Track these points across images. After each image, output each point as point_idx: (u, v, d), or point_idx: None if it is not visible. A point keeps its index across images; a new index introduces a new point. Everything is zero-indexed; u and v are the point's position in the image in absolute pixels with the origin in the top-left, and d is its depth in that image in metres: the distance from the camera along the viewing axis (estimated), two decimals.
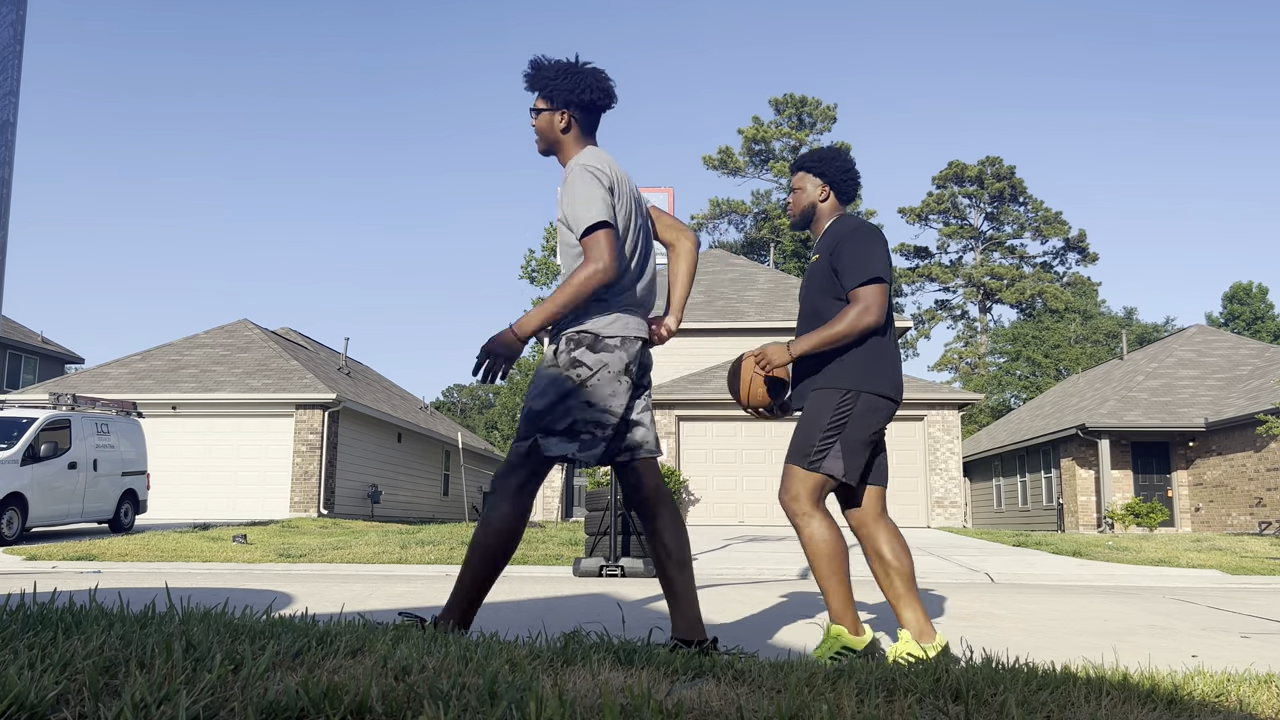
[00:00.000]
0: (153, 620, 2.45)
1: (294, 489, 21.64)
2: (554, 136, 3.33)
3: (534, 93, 3.34)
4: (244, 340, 25.22)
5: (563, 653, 2.34)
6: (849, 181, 3.69)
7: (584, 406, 3.15)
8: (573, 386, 3.15)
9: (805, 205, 3.72)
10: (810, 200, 3.70)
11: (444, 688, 1.75)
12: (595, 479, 21.80)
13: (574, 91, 3.26)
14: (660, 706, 1.71)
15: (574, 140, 3.32)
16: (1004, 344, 53.55)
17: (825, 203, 3.70)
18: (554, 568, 9.13)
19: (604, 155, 3.29)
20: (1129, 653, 3.94)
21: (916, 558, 10.67)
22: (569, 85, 3.26)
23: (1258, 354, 26.92)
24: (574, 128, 3.31)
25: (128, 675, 1.72)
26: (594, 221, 3.09)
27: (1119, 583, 8.91)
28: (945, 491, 19.94)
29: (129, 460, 15.20)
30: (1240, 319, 53.00)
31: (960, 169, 54.53)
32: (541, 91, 3.32)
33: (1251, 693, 2.50)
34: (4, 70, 2.74)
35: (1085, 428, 23.71)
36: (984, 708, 2.04)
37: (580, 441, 3.15)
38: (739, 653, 2.88)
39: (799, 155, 3.74)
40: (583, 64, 3.30)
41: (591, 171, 3.17)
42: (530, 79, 3.34)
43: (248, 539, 12.25)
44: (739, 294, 27.57)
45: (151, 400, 21.39)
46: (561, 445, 3.15)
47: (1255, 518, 21.61)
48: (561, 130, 3.31)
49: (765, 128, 52.30)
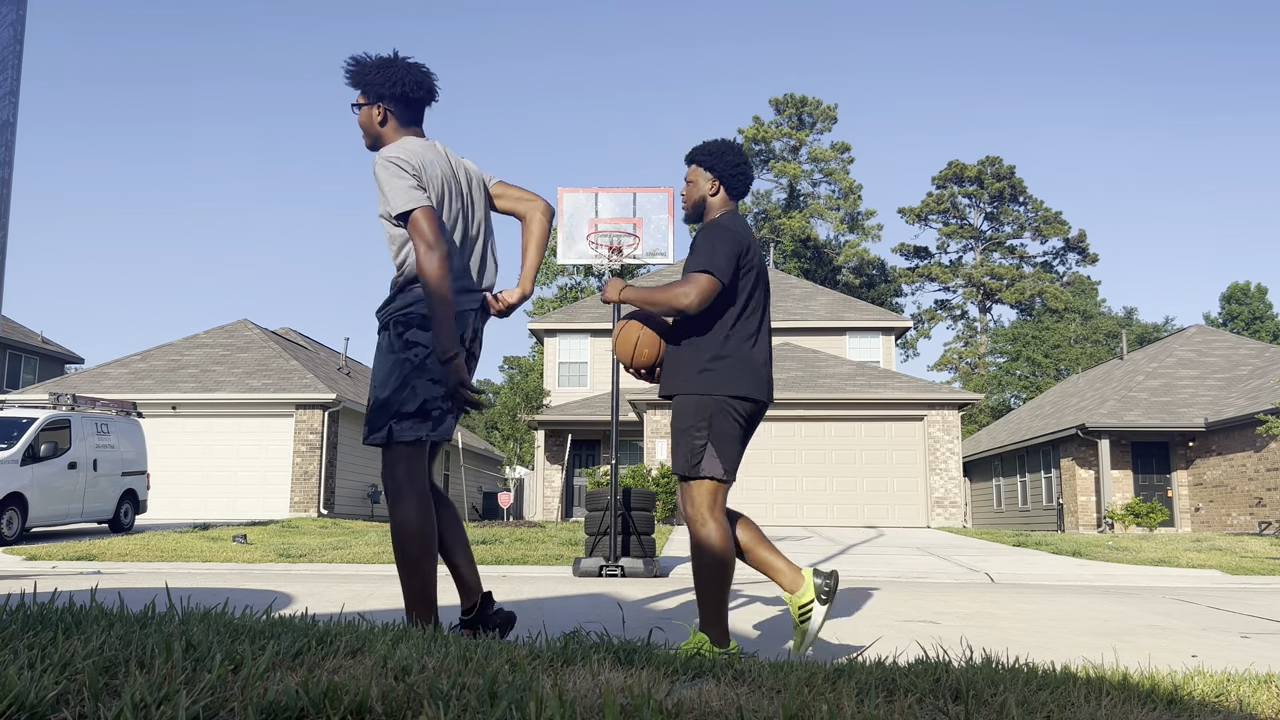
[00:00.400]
0: (153, 620, 2.45)
1: (294, 489, 21.64)
2: (374, 130, 3.43)
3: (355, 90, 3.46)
4: (244, 340, 25.22)
5: (563, 653, 2.34)
6: (738, 177, 3.72)
7: (429, 385, 3.22)
8: (412, 367, 3.22)
9: (696, 198, 3.76)
10: (701, 194, 3.74)
11: (444, 688, 1.75)
12: (595, 479, 21.80)
13: (388, 85, 3.37)
14: (660, 706, 1.71)
15: (391, 132, 3.41)
16: (1004, 344, 53.54)
17: (715, 196, 3.73)
18: (554, 568, 9.13)
19: (411, 144, 3.33)
20: (1129, 653, 3.94)
21: (916, 558, 10.68)
22: (383, 80, 3.37)
23: (1257, 354, 26.91)
24: (390, 120, 3.41)
25: (128, 675, 1.72)
26: (405, 208, 3.18)
27: (1119, 583, 8.91)
28: (945, 491, 19.94)
29: (129, 460, 15.20)
30: (1239, 319, 53.01)
31: (960, 169, 54.53)
32: (360, 87, 3.44)
33: (1251, 693, 2.50)
34: (4, 70, 2.74)
35: (1085, 428, 23.71)
36: (984, 708, 2.04)
37: (433, 420, 3.23)
38: (739, 653, 2.88)
39: (693, 148, 3.79)
40: (401, 59, 3.40)
41: (391, 161, 3.24)
42: (349, 75, 3.45)
43: (248, 539, 12.25)
44: None
45: (151, 400, 21.38)
46: (416, 428, 3.21)
47: (1255, 518, 21.61)
48: (379, 124, 3.41)
49: (765, 128, 52.29)
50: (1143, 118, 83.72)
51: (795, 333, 25.35)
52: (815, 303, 27.14)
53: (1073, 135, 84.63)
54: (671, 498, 19.34)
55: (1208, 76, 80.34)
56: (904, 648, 3.68)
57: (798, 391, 20.41)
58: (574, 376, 26.12)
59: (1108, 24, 79.79)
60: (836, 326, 25.74)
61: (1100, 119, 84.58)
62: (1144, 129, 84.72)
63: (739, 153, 3.75)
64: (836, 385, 20.79)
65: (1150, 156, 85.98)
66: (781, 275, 30.38)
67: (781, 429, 20.55)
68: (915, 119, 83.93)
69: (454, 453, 30.43)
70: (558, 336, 26.41)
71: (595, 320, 26.09)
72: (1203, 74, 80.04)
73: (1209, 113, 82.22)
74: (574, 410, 24.50)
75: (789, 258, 49.50)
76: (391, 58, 3.40)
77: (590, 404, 24.72)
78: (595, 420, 23.75)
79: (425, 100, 3.45)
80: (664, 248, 8.84)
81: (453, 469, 31.41)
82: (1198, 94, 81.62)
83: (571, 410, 24.52)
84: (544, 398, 24.76)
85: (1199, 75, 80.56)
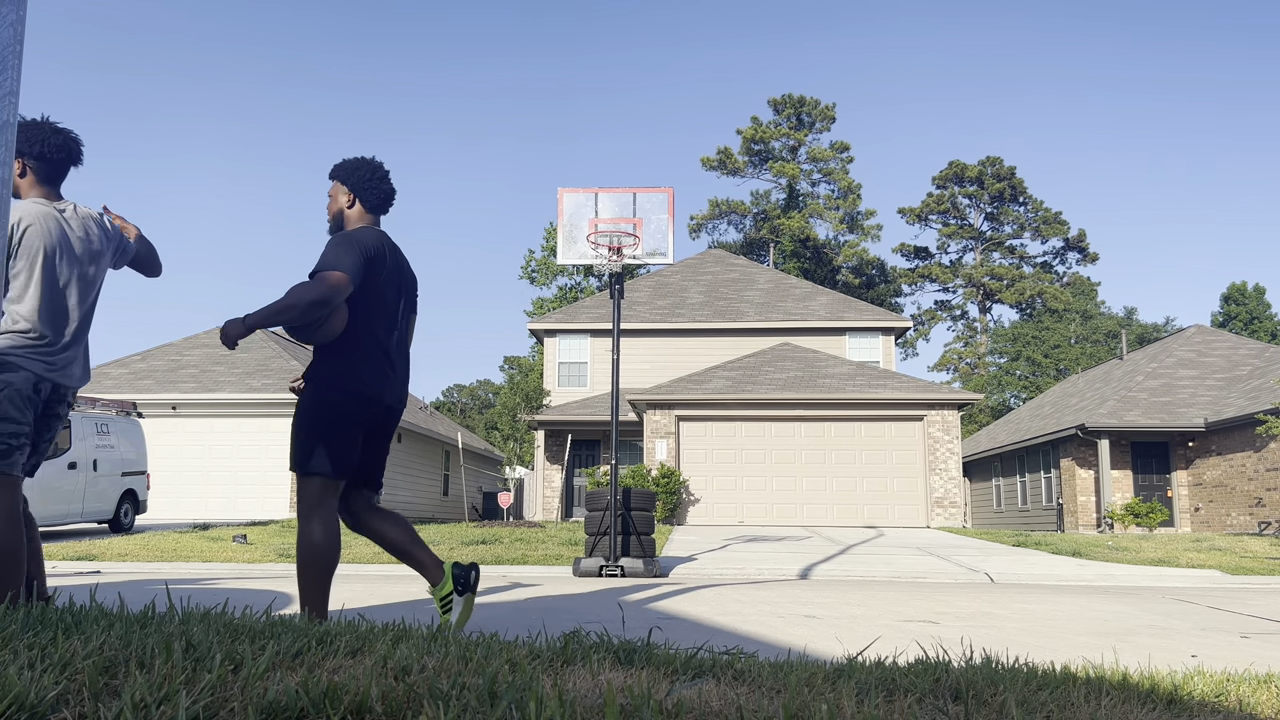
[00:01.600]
0: (153, 620, 2.45)
1: (294, 489, 21.63)
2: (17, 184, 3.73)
3: None
4: (244, 340, 25.21)
5: (563, 653, 2.34)
6: (371, 190, 3.95)
7: None
8: None
9: (335, 212, 4.00)
10: (339, 207, 3.98)
11: (444, 688, 1.75)
12: (595, 479, 21.79)
13: (30, 144, 3.72)
14: (660, 706, 1.71)
15: (29, 186, 3.74)
16: (1004, 344, 53.54)
17: (352, 209, 3.97)
18: (554, 568, 9.13)
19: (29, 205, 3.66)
20: (1129, 653, 3.94)
21: (916, 558, 10.68)
22: (25, 138, 3.71)
23: (1257, 354, 26.91)
24: (29, 175, 3.73)
25: (128, 675, 1.72)
26: None
27: (1119, 583, 8.91)
28: (945, 491, 19.93)
29: (129, 460, 15.19)
30: (1237, 319, 52.99)
31: (960, 169, 54.52)
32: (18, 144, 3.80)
33: (1251, 693, 2.50)
34: (4, 70, 2.74)
35: (1085, 428, 23.71)
36: (984, 708, 2.04)
37: None
38: (739, 653, 2.88)
39: (334, 165, 4.05)
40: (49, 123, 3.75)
41: None
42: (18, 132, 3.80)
43: (247, 539, 12.25)
44: (739, 294, 27.58)
45: (151, 400, 21.38)
46: None
47: (1255, 518, 21.61)
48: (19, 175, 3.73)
49: (764, 128, 52.26)
50: (1143, 118, 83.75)
51: (795, 333, 25.36)
52: (815, 303, 27.14)
53: (1073, 135, 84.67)
54: (672, 498, 19.33)
55: (1208, 77, 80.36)
56: (904, 648, 3.68)
57: (798, 391, 20.42)
58: (574, 376, 26.13)
59: (1108, 24, 79.82)
60: (836, 326, 25.74)
61: (1100, 119, 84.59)
62: (1144, 129, 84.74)
63: (374, 169, 3.97)
64: (836, 385, 20.79)
65: (1150, 156, 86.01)
66: (781, 275, 30.37)
67: (781, 429, 20.55)
68: (914, 119, 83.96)
69: (454, 453, 30.43)
70: (557, 336, 26.41)
71: (595, 320, 26.09)
72: (1203, 74, 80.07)
73: (1209, 113, 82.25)
74: (574, 410, 24.50)
75: (788, 258, 49.49)
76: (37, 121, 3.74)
77: (590, 404, 24.72)
78: (595, 420, 23.76)
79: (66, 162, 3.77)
80: (664, 248, 8.84)
81: (452, 469, 31.41)
82: (1198, 94, 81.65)
83: (571, 410, 24.52)
84: (544, 398, 24.76)
85: (1199, 75, 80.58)
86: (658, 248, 8.80)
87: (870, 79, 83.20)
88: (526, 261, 47.50)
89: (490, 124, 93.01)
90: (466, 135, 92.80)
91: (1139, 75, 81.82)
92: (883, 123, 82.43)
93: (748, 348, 24.53)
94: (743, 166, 52.79)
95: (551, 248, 45.93)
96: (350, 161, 3.97)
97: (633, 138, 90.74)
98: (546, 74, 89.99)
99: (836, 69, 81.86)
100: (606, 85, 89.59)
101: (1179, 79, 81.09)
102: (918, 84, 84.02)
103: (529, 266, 47.34)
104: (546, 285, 46.61)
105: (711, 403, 20.49)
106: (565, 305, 34.74)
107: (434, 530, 14.84)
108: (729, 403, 20.45)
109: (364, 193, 3.95)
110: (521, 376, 44.90)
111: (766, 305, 26.87)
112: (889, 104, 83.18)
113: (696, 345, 25.64)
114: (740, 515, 19.89)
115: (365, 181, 3.94)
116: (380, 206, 4.00)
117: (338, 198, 3.98)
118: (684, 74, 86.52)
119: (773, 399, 20.26)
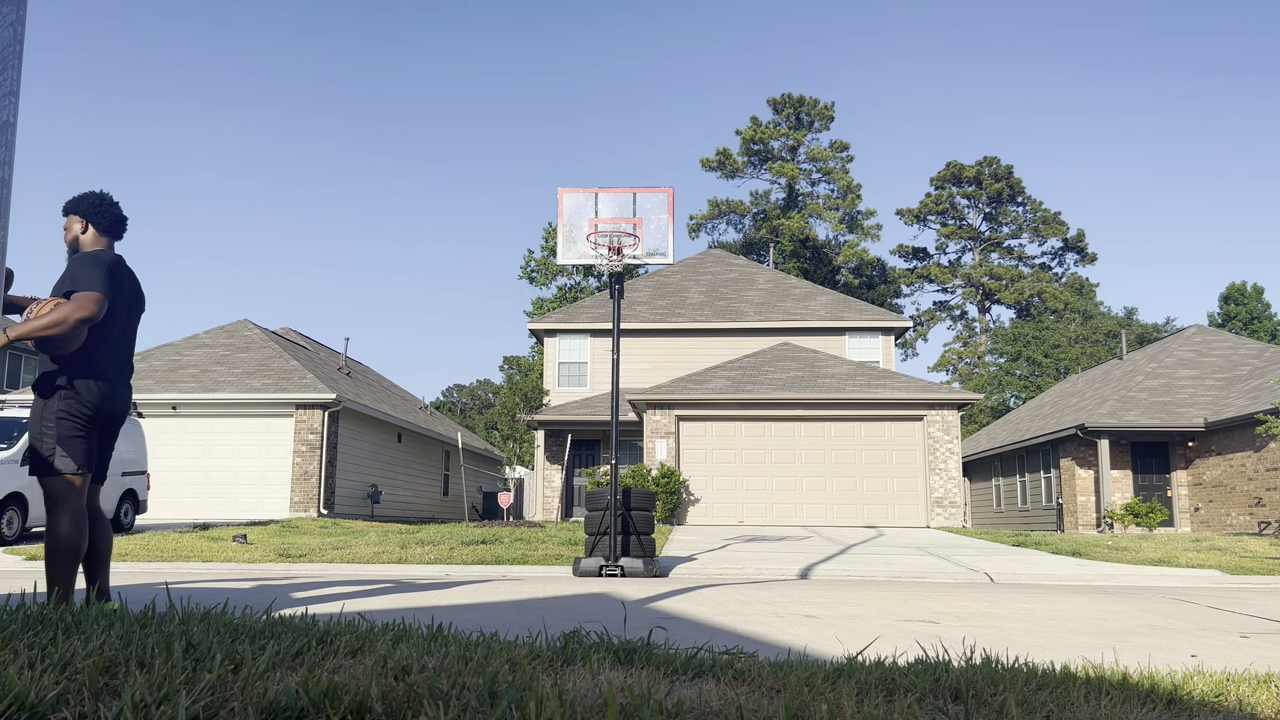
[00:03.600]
0: (153, 620, 2.45)
1: (294, 489, 21.63)
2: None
3: None
4: (244, 340, 25.21)
5: (563, 653, 2.34)
6: (101, 214, 4.50)
7: None
8: None
9: (71, 239, 4.52)
10: (74, 234, 4.51)
11: (444, 688, 1.75)
12: (595, 479, 21.79)
13: None
14: (660, 706, 1.71)
15: None
16: (1003, 344, 53.53)
17: (86, 234, 4.51)
18: (554, 568, 9.13)
19: None
20: (1129, 653, 3.94)
21: (916, 558, 10.69)
22: None
23: (1257, 354, 26.91)
24: None
25: (128, 675, 1.72)
26: None
27: (1118, 583, 8.92)
28: (945, 491, 19.93)
29: (129, 460, 15.18)
30: (1237, 319, 52.98)
31: (958, 169, 54.51)
32: None
33: (1251, 692, 2.50)
34: (4, 70, 2.74)
35: (1085, 428, 23.71)
36: (984, 707, 2.04)
37: None
38: (738, 653, 2.88)
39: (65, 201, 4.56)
40: None
41: None
42: None
43: (248, 539, 12.25)
44: (739, 294, 27.57)
45: (151, 400, 21.37)
46: None
47: (1254, 518, 21.61)
48: None
49: (763, 128, 52.24)
50: (1142, 118, 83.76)
51: (795, 333, 25.35)
52: (815, 303, 27.14)
53: (1072, 135, 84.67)
54: (672, 498, 19.33)
55: (1208, 77, 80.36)
56: (904, 647, 3.68)
57: (797, 391, 20.42)
58: (574, 376, 26.12)
59: (1107, 24, 79.82)
60: (836, 326, 25.74)
61: (1099, 119, 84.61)
62: (1143, 129, 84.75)
63: (102, 198, 4.53)
64: (836, 385, 20.79)
65: (1150, 157, 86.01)
66: (781, 275, 30.37)
67: (781, 429, 20.54)
68: (913, 119, 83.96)
69: (454, 453, 30.42)
70: (557, 336, 26.41)
71: (595, 320, 26.09)
72: (1203, 74, 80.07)
73: (1209, 113, 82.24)
74: (574, 410, 24.50)
75: (788, 258, 49.47)
76: None
77: (590, 404, 24.72)
78: (595, 420, 23.75)
79: None
80: (664, 248, 8.84)
81: (452, 469, 31.40)
82: (1198, 94, 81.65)
83: (571, 410, 24.52)
84: (544, 398, 24.76)
85: (1199, 76, 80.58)
86: (658, 248, 8.80)
87: (869, 79, 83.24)
88: (526, 261, 47.53)
89: (490, 123, 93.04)
90: (466, 135, 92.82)
91: (1139, 75, 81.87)
92: (881, 123, 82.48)
93: (748, 348, 24.53)
94: (742, 167, 52.77)
95: (551, 248, 45.93)
96: (81, 195, 4.51)
97: (633, 138, 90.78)
98: (546, 74, 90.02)
99: (835, 69, 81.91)
100: (606, 85, 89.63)
101: (1178, 79, 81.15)
102: (916, 84, 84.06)
103: (529, 266, 47.36)
104: (546, 285, 46.63)
105: (711, 403, 20.48)
106: (565, 305, 34.72)
107: (434, 530, 14.83)
108: (729, 403, 20.44)
109: (95, 218, 4.49)
110: (521, 376, 44.92)
111: (766, 305, 26.87)
112: (888, 104, 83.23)
113: (696, 345, 25.65)
114: (740, 515, 19.89)
115: (94, 209, 4.49)
116: (113, 229, 4.54)
117: (72, 227, 4.51)
118: (684, 74, 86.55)
119: (773, 399, 20.26)
